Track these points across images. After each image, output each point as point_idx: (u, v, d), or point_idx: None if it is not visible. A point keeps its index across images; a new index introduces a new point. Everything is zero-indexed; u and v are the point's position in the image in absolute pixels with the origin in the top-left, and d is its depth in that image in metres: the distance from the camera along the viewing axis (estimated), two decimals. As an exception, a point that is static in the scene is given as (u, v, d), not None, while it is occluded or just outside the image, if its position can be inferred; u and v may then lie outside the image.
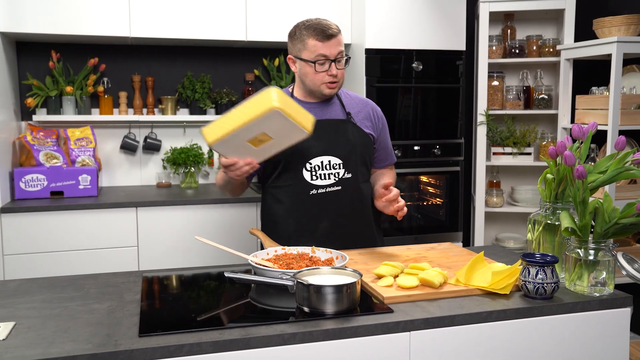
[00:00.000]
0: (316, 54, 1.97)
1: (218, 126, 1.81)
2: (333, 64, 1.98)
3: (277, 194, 2.09)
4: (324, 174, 2.05)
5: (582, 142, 1.69)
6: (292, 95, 2.11)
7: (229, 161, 1.86)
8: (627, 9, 3.32)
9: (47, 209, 2.89)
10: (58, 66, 3.33)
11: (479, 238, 3.64)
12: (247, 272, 1.77)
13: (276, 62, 3.73)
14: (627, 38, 2.91)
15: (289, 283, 1.47)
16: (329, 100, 2.12)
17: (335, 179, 2.06)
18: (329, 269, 1.54)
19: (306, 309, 1.42)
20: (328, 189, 2.05)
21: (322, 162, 2.04)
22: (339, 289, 1.41)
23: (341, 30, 2.09)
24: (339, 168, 2.06)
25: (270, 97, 1.74)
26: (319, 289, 1.41)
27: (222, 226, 3.14)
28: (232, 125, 1.78)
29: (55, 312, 1.42)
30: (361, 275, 1.48)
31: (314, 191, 2.04)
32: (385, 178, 2.21)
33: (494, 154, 3.66)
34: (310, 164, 2.03)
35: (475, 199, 3.67)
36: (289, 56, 2.07)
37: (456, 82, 3.48)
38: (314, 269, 1.53)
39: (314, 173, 2.04)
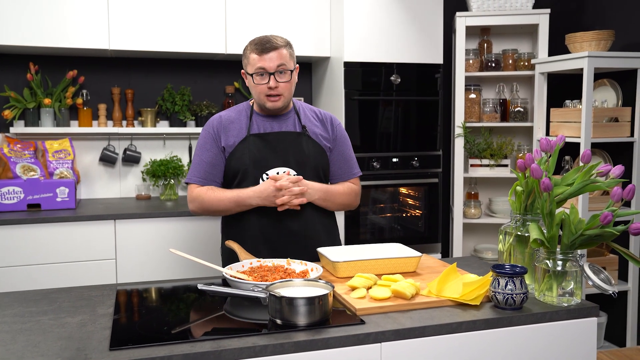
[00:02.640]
0: (255, 67, 2.03)
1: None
2: (272, 76, 2.02)
3: None
4: None
5: (550, 155, 1.73)
6: (252, 108, 2.16)
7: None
8: (598, 25, 3.40)
9: (23, 222, 2.87)
10: (36, 78, 3.32)
11: (457, 249, 3.67)
12: (227, 284, 1.78)
13: (256, 74, 3.75)
14: (597, 53, 2.98)
15: (262, 295, 1.48)
16: (286, 114, 2.17)
17: None
18: (301, 281, 1.56)
19: (279, 321, 1.43)
20: None
21: (277, 173, 2.08)
22: (310, 300, 1.42)
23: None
24: None
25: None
26: (290, 301, 1.42)
27: (201, 238, 3.14)
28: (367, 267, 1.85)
29: (26, 327, 1.42)
30: (333, 287, 1.50)
31: None
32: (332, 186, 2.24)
33: (472, 165, 3.71)
34: (267, 175, 2.09)
35: (454, 211, 3.71)
36: (242, 71, 2.14)
37: (434, 95, 3.53)
38: (286, 281, 1.55)
39: None
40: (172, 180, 3.54)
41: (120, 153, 3.60)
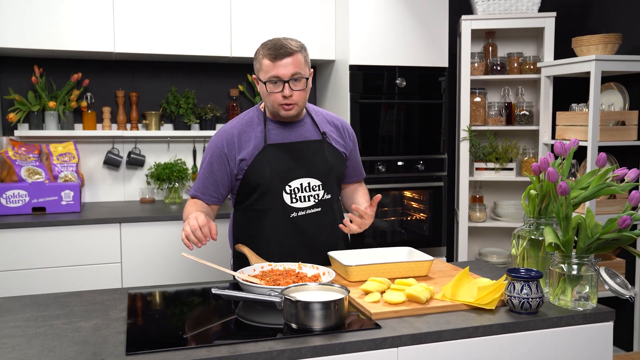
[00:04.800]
0: (269, 75, 1.91)
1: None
2: (287, 84, 1.90)
3: (255, 217, 2.04)
4: (304, 196, 2.02)
5: (564, 159, 1.72)
6: (264, 114, 2.05)
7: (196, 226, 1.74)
8: (604, 28, 3.40)
9: (28, 225, 2.85)
10: (41, 81, 3.31)
11: (462, 253, 3.66)
12: (235, 287, 1.77)
13: (261, 77, 3.74)
14: (605, 56, 2.98)
15: (277, 299, 1.47)
16: (301, 120, 2.08)
17: (315, 201, 2.04)
18: (316, 285, 1.55)
19: (294, 326, 1.42)
20: (308, 211, 2.04)
21: (301, 184, 2.01)
22: (326, 305, 1.41)
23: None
24: (319, 189, 2.04)
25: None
26: (306, 305, 1.41)
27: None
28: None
29: (40, 331, 1.41)
30: (349, 292, 1.49)
31: (294, 214, 2.02)
32: (361, 196, 2.23)
33: (477, 169, 3.70)
34: (290, 186, 2.00)
35: (459, 214, 3.70)
36: (253, 76, 2.02)
37: (439, 99, 3.53)
38: (301, 285, 1.54)
39: (293, 195, 2.01)
40: (176, 184, 3.53)
41: (125, 156, 3.59)
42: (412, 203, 3.65)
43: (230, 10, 3.36)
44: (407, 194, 3.63)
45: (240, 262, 2.10)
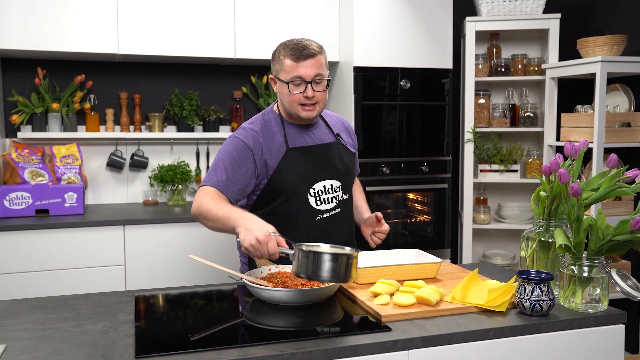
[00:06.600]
0: (291, 75, 1.89)
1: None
2: (309, 85, 1.89)
3: (277, 222, 1.95)
4: (327, 198, 2.02)
5: (573, 160, 1.71)
6: (279, 115, 2.03)
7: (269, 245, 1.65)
8: (608, 30, 3.39)
9: (32, 228, 2.84)
10: (44, 83, 3.30)
11: (467, 255, 3.65)
12: (242, 290, 1.77)
13: (264, 79, 3.74)
14: (610, 58, 2.97)
15: (290, 252, 1.57)
16: (316, 123, 2.07)
17: (336, 202, 2.04)
18: (328, 247, 1.66)
19: (303, 275, 1.52)
20: (331, 213, 2.03)
21: (324, 187, 2.01)
22: (336, 257, 1.51)
23: (325, 48, 2.05)
24: (339, 190, 2.05)
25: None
26: (318, 255, 1.51)
27: (210, 244, 3.11)
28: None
29: (48, 334, 1.39)
30: (358, 251, 1.58)
31: (320, 216, 2.01)
32: (359, 198, 2.26)
33: (481, 171, 3.69)
34: (314, 189, 1.99)
35: (463, 216, 3.69)
36: (271, 76, 2.01)
37: (442, 100, 3.52)
38: (313, 244, 1.65)
39: (317, 198, 2.00)
40: (179, 186, 3.51)
41: (128, 158, 3.58)
42: (416, 205, 3.64)
43: (234, 11, 3.35)
44: (411, 195, 3.62)
45: (248, 264, 2.08)
